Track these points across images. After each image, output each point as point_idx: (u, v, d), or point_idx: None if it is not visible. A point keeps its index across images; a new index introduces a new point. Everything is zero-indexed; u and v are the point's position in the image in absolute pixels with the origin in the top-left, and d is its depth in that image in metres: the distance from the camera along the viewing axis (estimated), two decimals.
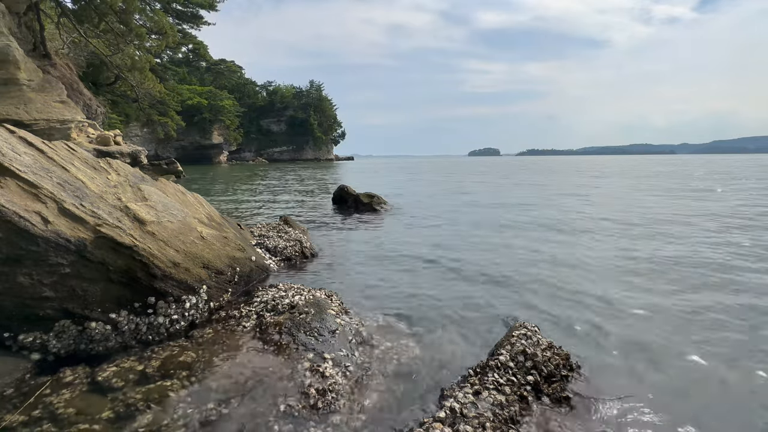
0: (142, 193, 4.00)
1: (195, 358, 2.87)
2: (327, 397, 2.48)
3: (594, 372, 2.87)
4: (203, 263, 3.76)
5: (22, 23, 22.17)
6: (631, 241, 6.95)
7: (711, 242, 6.86)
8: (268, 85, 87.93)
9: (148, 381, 2.60)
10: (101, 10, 25.64)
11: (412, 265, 5.63)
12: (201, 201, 5.00)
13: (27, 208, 2.91)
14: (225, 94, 62.69)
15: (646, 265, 5.51)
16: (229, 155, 69.69)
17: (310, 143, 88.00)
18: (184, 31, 52.09)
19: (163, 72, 51.44)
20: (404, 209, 11.20)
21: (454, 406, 2.31)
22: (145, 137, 46.59)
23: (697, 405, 2.56)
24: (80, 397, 2.42)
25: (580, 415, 2.42)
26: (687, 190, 16.87)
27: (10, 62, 17.74)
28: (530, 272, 5.24)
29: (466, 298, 4.36)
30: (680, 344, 3.32)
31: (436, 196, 15.45)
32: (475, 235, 7.65)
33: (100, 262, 3.05)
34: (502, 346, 2.99)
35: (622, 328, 3.61)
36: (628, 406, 2.52)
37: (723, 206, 11.37)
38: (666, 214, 9.94)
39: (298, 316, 3.40)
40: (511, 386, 2.55)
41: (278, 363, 2.85)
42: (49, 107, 19.08)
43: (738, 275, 5.03)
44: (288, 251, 5.69)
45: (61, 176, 3.38)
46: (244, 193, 16.74)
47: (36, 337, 2.85)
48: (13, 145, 3.32)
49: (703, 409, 2.51)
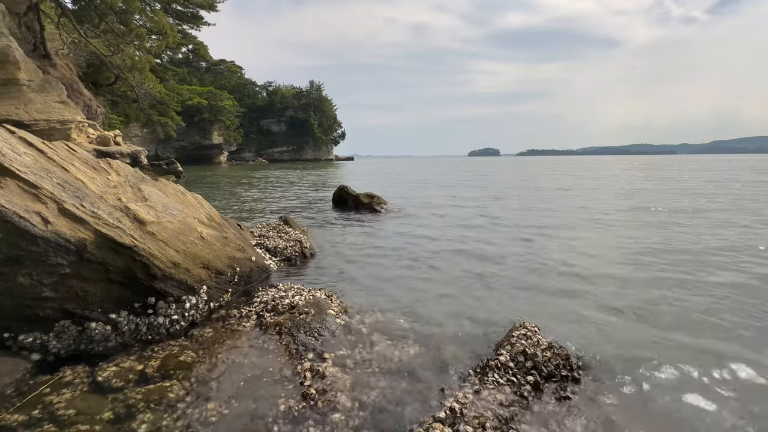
0: (142, 193, 4.00)
1: (195, 359, 2.88)
2: (327, 397, 2.48)
3: (594, 372, 2.87)
4: (203, 263, 3.76)
5: (22, 23, 22.19)
6: (636, 233, 6.96)
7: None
8: (268, 85, 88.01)
9: (148, 381, 2.60)
10: (101, 11, 25.66)
11: (412, 264, 5.63)
12: (201, 201, 5.00)
13: (27, 208, 2.91)
14: (225, 94, 62.65)
15: (648, 259, 5.51)
16: (229, 155, 69.70)
17: (310, 143, 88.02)
18: (184, 32, 52.11)
19: (163, 72, 51.39)
20: (404, 209, 11.20)
21: (454, 406, 2.31)
22: (145, 137, 46.57)
23: (698, 405, 2.56)
24: (80, 398, 2.42)
25: (581, 416, 2.42)
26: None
27: (10, 62, 17.75)
28: (531, 272, 5.24)
29: (466, 297, 4.36)
30: (681, 344, 3.32)
31: (436, 196, 15.45)
32: (475, 235, 7.65)
33: (100, 262, 3.05)
34: (502, 346, 2.99)
35: (622, 328, 3.61)
36: (628, 406, 2.52)
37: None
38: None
39: (298, 316, 3.40)
40: (512, 386, 2.55)
41: (278, 363, 2.85)
42: (49, 107, 19.09)
43: (742, 269, 5.03)
44: (288, 251, 5.69)
45: (61, 176, 3.38)
46: (244, 193, 16.74)
47: (36, 337, 2.86)
48: (13, 145, 3.32)
49: (703, 409, 2.51)
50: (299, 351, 2.97)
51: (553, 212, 10.68)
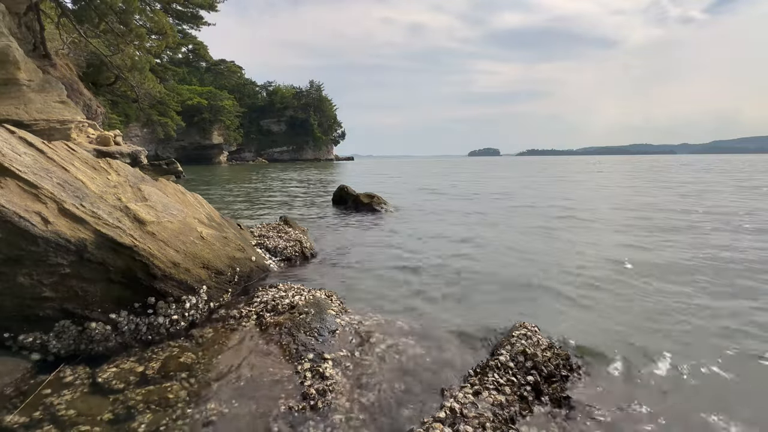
0: (142, 193, 4.00)
1: (195, 359, 2.87)
2: (327, 397, 2.48)
3: (594, 372, 2.87)
4: (203, 263, 3.76)
5: (22, 23, 22.19)
6: (630, 238, 6.95)
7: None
8: (268, 85, 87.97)
9: (148, 382, 2.60)
10: (101, 11, 25.65)
11: (412, 264, 5.63)
12: (201, 201, 5.00)
13: (27, 208, 2.91)
14: (225, 94, 62.65)
15: (651, 261, 5.51)
16: (229, 155, 69.70)
17: (310, 143, 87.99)
18: (184, 32, 52.12)
19: (163, 72, 51.39)
20: (404, 209, 11.20)
21: (454, 406, 2.31)
22: (145, 137, 46.56)
23: (699, 405, 2.56)
24: (80, 398, 2.42)
25: (581, 416, 2.42)
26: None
27: (10, 62, 17.74)
28: (531, 272, 5.23)
29: (466, 297, 4.36)
30: (681, 344, 3.32)
31: (435, 196, 15.45)
32: (475, 235, 7.64)
33: (100, 262, 3.05)
34: (502, 346, 2.99)
35: (622, 328, 3.61)
36: (628, 406, 2.51)
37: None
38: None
39: (298, 316, 3.40)
40: (511, 386, 2.55)
41: (278, 363, 2.85)
42: (49, 107, 19.09)
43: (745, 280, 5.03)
44: (288, 251, 5.69)
45: (61, 176, 3.37)
46: (244, 193, 16.74)
47: (36, 337, 2.85)
48: (13, 145, 3.32)
49: (704, 410, 2.51)
50: (299, 351, 2.97)
51: (556, 211, 10.68)
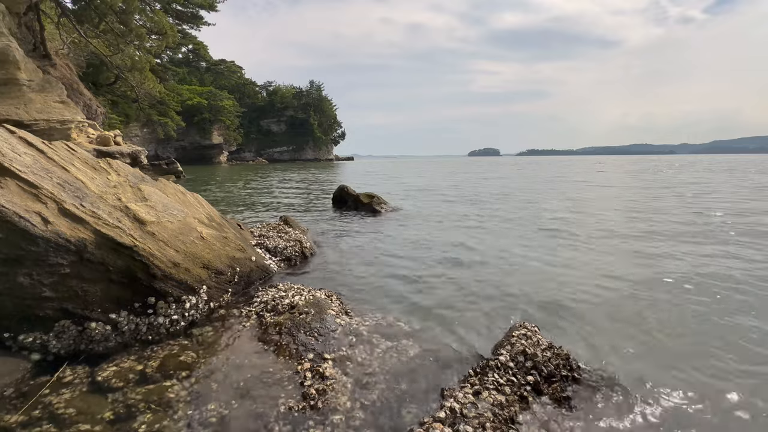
0: (142, 193, 4.00)
1: (195, 359, 2.88)
2: (327, 397, 2.48)
3: (594, 372, 2.86)
4: (203, 263, 3.76)
5: (22, 23, 22.18)
6: (630, 241, 6.95)
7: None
8: (268, 85, 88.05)
9: (148, 381, 2.60)
10: (101, 11, 25.63)
11: (412, 264, 5.63)
12: (201, 201, 5.00)
13: (27, 208, 2.91)
14: (225, 94, 62.68)
15: (650, 261, 5.51)
16: (229, 155, 69.72)
17: (310, 143, 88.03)
18: (184, 32, 52.11)
19: (163, 72, 51.38)
20: (404, 209, 11.20)
21: (454, 406, 2.31)
22: (145, 137, 46.57)
23: (699, 405, 2.56)
24: (80, 398, 2.42)
25: (580, 416, 2.42)
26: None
27: (10, 62, 17.73)
28: (531, 273, 5.24)
29: (467, 297, 4.35)
30: (681, 344, 3.32)
31: (435, 196, 15.45)
32: (476, 236, 7.64)
33: (100, 262, 3.05)
34: (502, 346, 2.99)
35: (623, 328, 3.61)
36: (628, 406, 2.51)
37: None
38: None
39: (298, 316, 3.40)
40: (511, 386, 2.55)
41: (278, 363, 2.85)
42: (49, 107, 19.08)
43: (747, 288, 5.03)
44: (288, 251, 5.69)
45: (61, 176, 3.38)
46: (244, 193, 16.74)
47: (36, 337, 2.85)
48: (13, 145, 3.32)
49: (704, 410, 2.51)
50: (299, 351, 2.97)
51: (557, 212, 10.68)
